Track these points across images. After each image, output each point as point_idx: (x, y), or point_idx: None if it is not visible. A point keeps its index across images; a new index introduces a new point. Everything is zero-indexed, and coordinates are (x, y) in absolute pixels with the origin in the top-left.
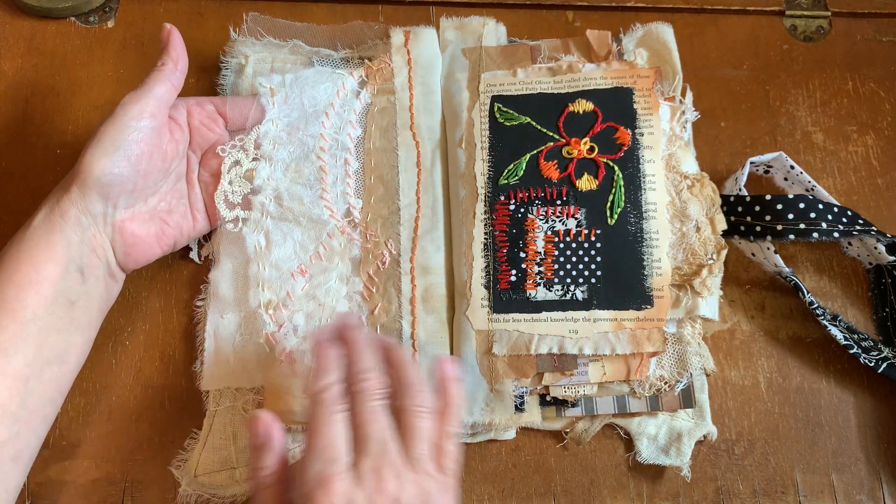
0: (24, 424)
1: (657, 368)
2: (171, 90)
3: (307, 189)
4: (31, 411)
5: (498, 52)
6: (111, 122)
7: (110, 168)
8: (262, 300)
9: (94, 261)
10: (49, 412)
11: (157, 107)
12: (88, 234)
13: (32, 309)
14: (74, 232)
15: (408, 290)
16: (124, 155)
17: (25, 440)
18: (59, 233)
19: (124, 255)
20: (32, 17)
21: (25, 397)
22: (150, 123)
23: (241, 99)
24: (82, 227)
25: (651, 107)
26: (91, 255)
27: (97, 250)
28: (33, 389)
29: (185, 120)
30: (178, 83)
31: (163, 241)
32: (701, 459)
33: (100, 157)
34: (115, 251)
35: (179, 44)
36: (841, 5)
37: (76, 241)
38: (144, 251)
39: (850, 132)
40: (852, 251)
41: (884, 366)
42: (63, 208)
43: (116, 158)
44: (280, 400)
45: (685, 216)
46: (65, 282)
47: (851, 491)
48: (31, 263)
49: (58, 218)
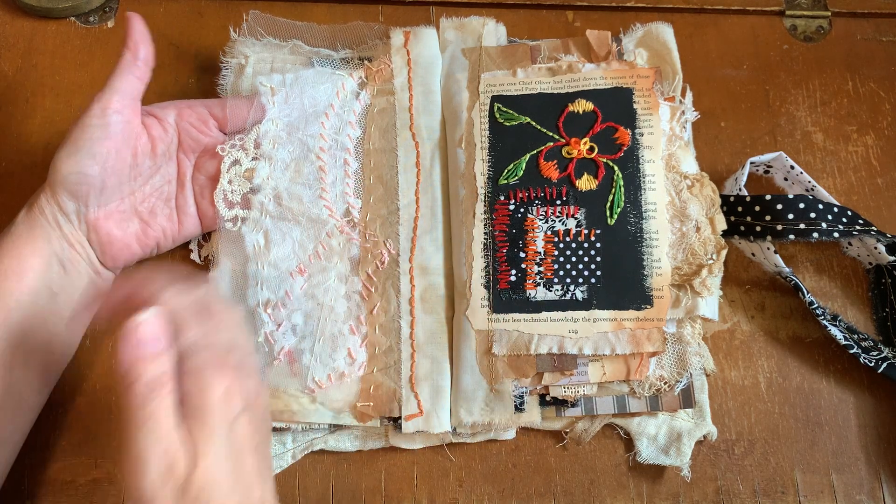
0: (8, 412)
1: (657, 368)
2: (134, 82)
3: (306, 189)
4: (16, 399)
5: (498, 53)
6: (76, 122)
7: (75, 167)
8: (261, 299)
9: (74, 255)
10: (35, 401)
11: (121, 101)
12: (65, 230)
13: (16, 297)
14: (52, 228)
15: (407, 290)
16: (88, 153)
17: (10, 428)
18: (40, 228)
19: (101, 253)
20: (32, 17)
21: (10, 384)
22: (114, 119)
23: (239, 99)
24: (59, 223)
25: (651, 107)
26: (70, 249)
27: (75, 246)
28: (18, 377)
29: (172, 121)
30: (143, 74)
31: (144, 242)
32: (701, 459)
33: (65, 158)
34: (93, 248)
35: (140, 33)
36: (841, 5)
37: (55, 236)
38: (122, 250)
39: (849, 132)
40: (852, 251)
41: (884, 366)
42: (41, 206)
43: (80, 157)
44: (279, 400)
45: (685, 216)
46: (48, 273)
47: (851, 491)
48: (15, 255)
49: (37, 214)
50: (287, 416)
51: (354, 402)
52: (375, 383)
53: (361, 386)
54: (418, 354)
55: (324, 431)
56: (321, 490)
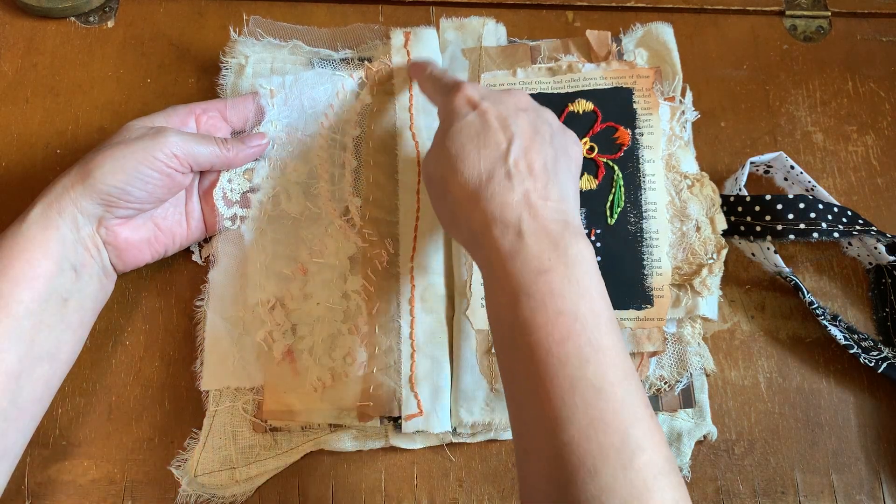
0: (12, 422)
1: (657, 368)
2: (213, 160)
3: (306, 188)
4: (20, 409)
5: (498, 53)
6: (140, 142)
7: (122, 184)
8: (261, 299)
9: (88, 259)
10: (38, 410)
11: (194, 166)
12: (83, 233)
13: (26, 304)
14: (70, 230)
15: (406, 289)
16: (140, 180)
17: (13, 438)
18: (55, 229)
19: (116, 257)
20: (32, 17)
21: (16, 394)
22: (178, 176)
23: (239, 99)
24: (77, 225)
25: (651, 107)
26: (85, 253)
27: (90, 250)
28: (24, 386)
29: (194, 129)
30: (224, 164)
31: (154, 246)
32: (701, 459)
33: (116, 171)
34: (108, 252)
35: (256, 146)
36: (841, 5)
37: (71, 238)
38: (135, 255)
39: (849, 132)
40: (852, 251)
41: (884, 366)
42: (62, 205)
43: (131, 179)
44: (280, 399)
45: (685, 216)
46: (59, 279)
47: (851, 491)
48: (26, 259)
49: (55, 214)
50: (287, 416)
51: (354, 402)
52: (375, 383)
53: (361, 386)
54: (418, 354)
55: (324, 431)
56: (321, 490)
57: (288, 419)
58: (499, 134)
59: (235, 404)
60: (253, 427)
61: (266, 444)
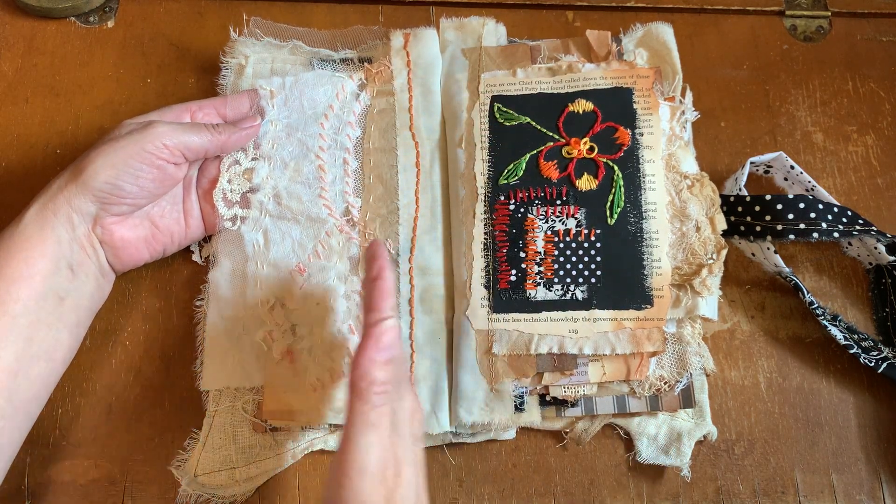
0: (9, 420)
1: (657, 368)
2: (207, 148)
3: (306, 188)
4: (16, 407)
5: (498, 53)
6: (131, 137)
7: (114, 180)
8: (261, 299)
9: (84, 258)
10: (34, 409)
11: (186, 154)
12: (79, 232)
13: (23, 303)
14: (65, 229)
15: (406, 290)
16: (132, 174)
17: (9, 436)
18: (51, 229)
19: (113, 256)
20: (32, 17)
21: (13, 392)
22: (170, 167)
23: (238, 96)
24: (73, 224)
25: (651, 107)
26: (81, 252)
27: (86, 249)
28: (21, 384)
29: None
30: (218, 148)
31: (152, 245)
32: (701, 459)
33: (107, 167)
34: (105, 251)
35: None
36: (841, 5)
37: (66, 238)
38: (132, 254)
39: (850, 132)
40: (852, 251)
41: (884, 366)
42: (56, 205)
43: (122, 173)
44: (280, 399)
45: (685, 216)
46: (55, 277)
47: (851, 491)
48: (23, 258)
49: (50, 214)
50: (287, 416)
51: None
52: None
53: None
54: (418, 355)
55: (324, 431)
56: (321, 490)
57: (288, 419)
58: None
59: (235, 404)
60: (253, 427)
61: (266, 444)
